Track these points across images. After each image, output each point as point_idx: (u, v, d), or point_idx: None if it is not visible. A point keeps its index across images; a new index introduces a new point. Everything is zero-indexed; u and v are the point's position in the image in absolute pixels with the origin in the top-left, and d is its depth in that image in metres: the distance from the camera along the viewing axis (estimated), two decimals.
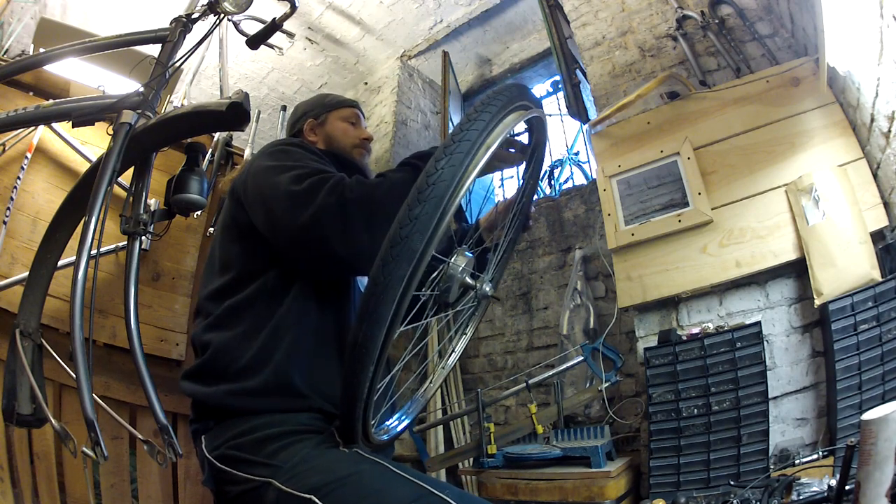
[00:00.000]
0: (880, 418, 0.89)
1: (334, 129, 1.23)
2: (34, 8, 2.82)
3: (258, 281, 0.94)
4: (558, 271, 2.99)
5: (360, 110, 1.30)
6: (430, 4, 3.67)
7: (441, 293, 0.90)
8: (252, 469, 0.81)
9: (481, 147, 0.72)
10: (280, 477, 0.77)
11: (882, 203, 1.74)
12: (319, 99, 1.30)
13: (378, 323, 0.68)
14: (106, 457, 0.81)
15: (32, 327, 1.08)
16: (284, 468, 0.79)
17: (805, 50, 2.09)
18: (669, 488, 1.80)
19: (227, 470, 0.84)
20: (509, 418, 2.93)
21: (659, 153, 2.25)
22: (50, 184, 1.99)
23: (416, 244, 0.66)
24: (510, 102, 0.80)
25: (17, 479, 1.71)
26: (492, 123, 0.75)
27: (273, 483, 0.77)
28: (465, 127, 0.73)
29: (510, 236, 1.10)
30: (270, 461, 0.80)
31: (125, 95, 1.02)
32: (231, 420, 0.87)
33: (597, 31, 2.76)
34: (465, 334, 1.22)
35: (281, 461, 0.80)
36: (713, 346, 1.87)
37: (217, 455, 0.86)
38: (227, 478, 0.84)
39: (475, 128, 0.72)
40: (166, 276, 2.25)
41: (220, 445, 0.86)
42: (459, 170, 0.69)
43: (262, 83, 4.14)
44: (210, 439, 0.89)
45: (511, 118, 0.81)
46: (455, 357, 1.21)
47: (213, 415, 0.90)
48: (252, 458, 0.82)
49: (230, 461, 0.84)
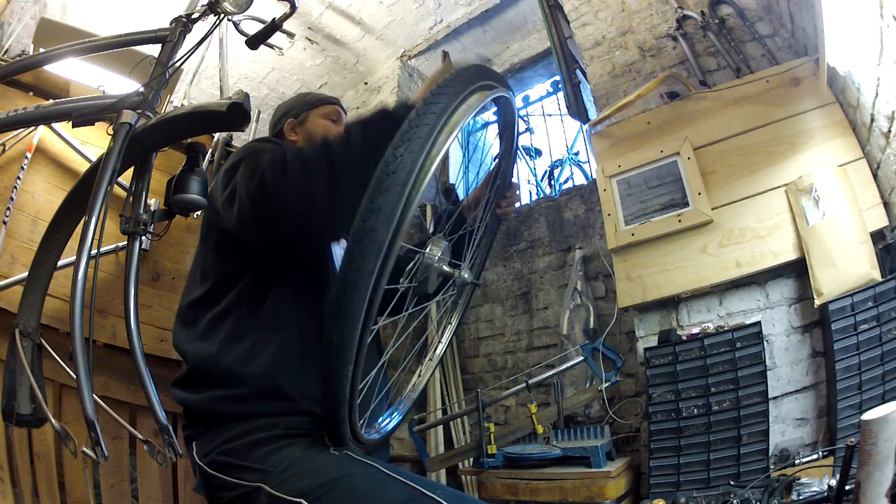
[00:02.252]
0: (880, 418, 0.89)
1: (315, 126, 1.22)
2: (34, 8, 2.82)
3: (237, 287, 0.94)
4: (558, 271, 2.99)
5: (341, 107, 1.28)
6: (430, 4, 3.67)
7: (419, 284, 0.88)
8: (242, 474, 0.81)
9: (442, 131, 0.70)
10: (270, 481, 0.77)
11: (882, 203, 1.74)
12: (299, 98, 1.29)
13: (351, 321, 0.66)
14: (106, 457, 0.81)
15: (32, 327, 1.08)
16: (274, 472, 0.78)
17: (805, 50, 2.08)
18: (669, 488, 1.80)
19: (217, 476, 0.84)
20: (509, 418, 2.93)
21: (659, 153, 2.25)
22: (50, 184, 1.99)
23: (382, 236, 0.64)
24: (470, 83, 0.78)
25: (17, 479, 1.71)
26: (451, 105, 0.72)
27: (264, 488, 0.77)
28: (424, 111, 0.70)
29: (486, 220, 1.09)
30: (260, 466, 0.80)
31: (125, 95, 1.02)
32: (221, 426, 0.87)
33: (597, 31, 2.76)
34: (451, 324, 1.21)
35: (271, 465, 0.79)
36: (713, 346, 1.87)
37: (208, 461, 0.86)
38: (218, 483, 0.84)
39: (433, 111, 0.70)
40: (166, 276, 2.25)
41: (211, 451, 0.86)
42: (420, 155, 0.66)
43: (262, 83, 4.14)
44: (201, 445, 0.89)
45: (474, 99, 0.78)
46: (442, 347, 1.19)
47: (204, 421, 0.90)
48: (242, 463, 0.82)
49: (220, 467, 0.84)
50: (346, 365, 0.70)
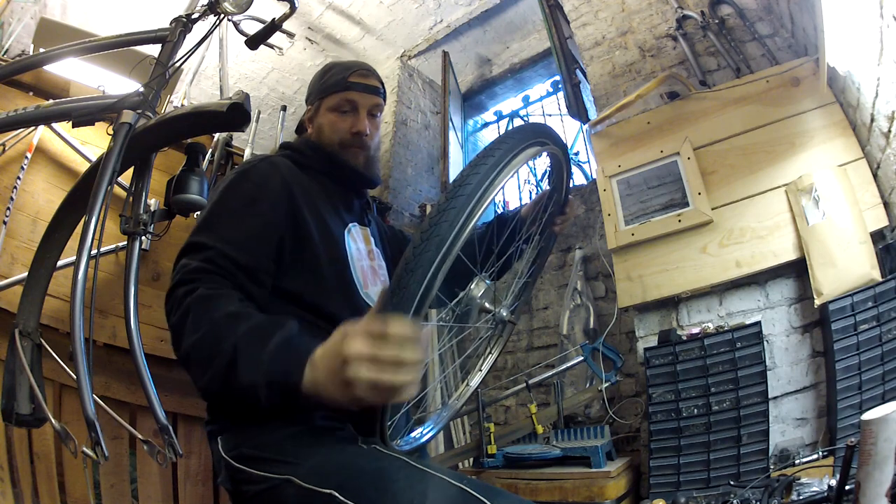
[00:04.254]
0: (880, 418, 0.89)
1: (324, 121, 1.10)
2: (34, 8, 2.82)
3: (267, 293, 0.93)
4: (558, 271, 2.99)
5: (356, 90, 1.09)
6: (430, 4, 3.67)
7: (461, 316, 0.91)
8: (270, 467, 0.81)
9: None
10: (300, 474, 0.77)
11: (882, 203, 1.74)
12: (318, 77, 1.15)
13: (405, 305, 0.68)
14: (107, 457, 0.81)
15: (31, 327, 1.08)
16: (304, 465, 0.78)
17: (805, 50, 2.08)
18: (669, 488, 1.80)
19: (245, 469, 0.83)
20: (509, 418, 2.92)
21: (659, 153, 2.24)
22: (50, 184, 1.99)
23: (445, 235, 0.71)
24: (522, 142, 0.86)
25: (17, 479, 1.70)
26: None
27: (293, 480, 0.77)
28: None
29: (529, 268, 1.10)
30: (290, 459, 0.80)
31: (125, 95, 1.02)
32: (248, 421, 0.87)
33: (597, 31, 2.76)
34: (492, 353, 1.23)
35: (301, 458, 0.79)
36: (713, 346, 1.87)
37: (234, 455, 0.86)
38: (244, 477, 0.84)
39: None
40: (166, 276, 2.23)
41: (239, 445, 0.86)
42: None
43: (262, 83, 4.14)
44: (227, 439, 0.88)
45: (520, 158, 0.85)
46: (481, 376, 1.22)
47: (230, 416, 0.90)
48: (270, 456, 0.82)
49: (248, 460, 0.84)
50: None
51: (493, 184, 0.77)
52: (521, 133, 0.90)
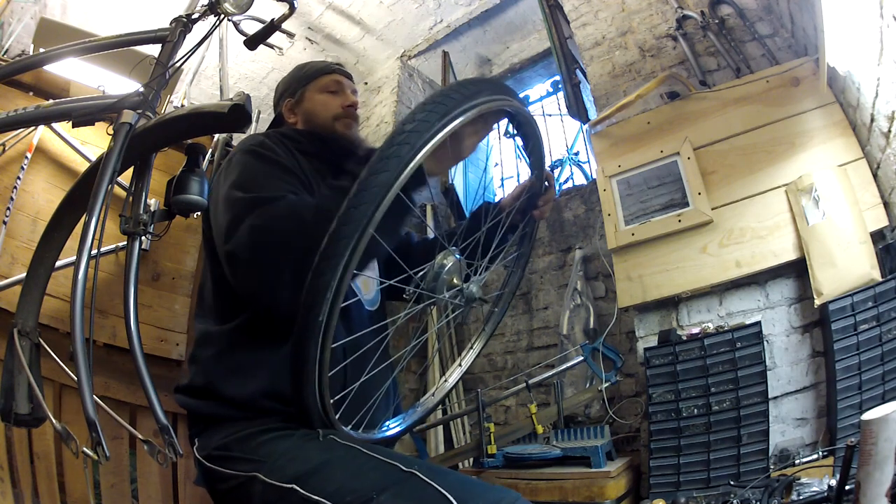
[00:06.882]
0: (880, 418, 0.89)
1: (313, 104, 1.16)
2: (34, 8, 2.82)
3: (230, 296, 0.95)
4: (558, 271, 2.99)
5: (342, 74, 1.19)
6: (430, 4, 3.67)
7: (428, 288, 0.89)
8: (238, 465, 0.84)
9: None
10: (264, 470, 0.80)
11: (882, 203, 1.74)
12: (296, 72, 1.22)
13: (321, 292, 0.67)
14: (108, 457, 0.81)
15: (30, 326, 1.08)
16: (267, 462, 0.81)
17: (805, 50, 2.08)
18: (669, 488, 1.80)
19: (215, 468, 0.88)
20: (509, 418, 2.93)
21: (659, 153, 2.25)
22: (50, 184, 1.99)
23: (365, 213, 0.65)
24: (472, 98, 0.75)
25: (17, 479, 1.70)
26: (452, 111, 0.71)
27: (258, 476, 0.79)
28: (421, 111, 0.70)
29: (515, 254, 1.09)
30: (254, 457, 0.83)
31: (125, 95, 1.01)
32: (222, 423, 0.91)
33: (597, 31, 2.76)
34: (473, 349, 1.22)
35: (264, 456, 0.82)
36: (713, 346, 1.87)
37: (205, 455, 0.90)
38: (216, 476, 0.88)
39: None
40: (166, 276, 2.25)
41: (209, 446, 0.90)
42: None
43: (262, 83, 4.14)
44: (201, 442, 0.93)
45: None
46: (461, 371, 1.20)
47: (205, 420, 0.95)
48: (237, 455, 0.85)
49: (218, 460, 0.88)
50: (312, 344, 0.71)
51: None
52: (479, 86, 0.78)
